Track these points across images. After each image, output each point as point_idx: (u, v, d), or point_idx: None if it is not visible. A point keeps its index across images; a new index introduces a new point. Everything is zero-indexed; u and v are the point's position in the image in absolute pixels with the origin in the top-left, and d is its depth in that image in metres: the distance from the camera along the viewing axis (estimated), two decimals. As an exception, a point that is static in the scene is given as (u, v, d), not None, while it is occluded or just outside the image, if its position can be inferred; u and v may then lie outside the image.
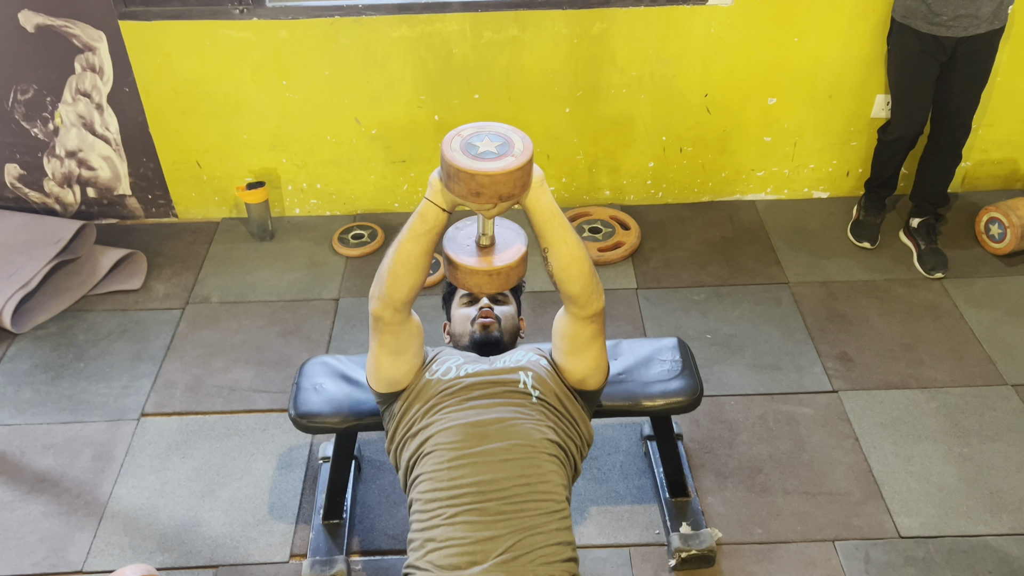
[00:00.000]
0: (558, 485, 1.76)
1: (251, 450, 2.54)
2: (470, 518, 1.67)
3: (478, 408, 1.80)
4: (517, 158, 1.57)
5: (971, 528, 2.27)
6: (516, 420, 1.79)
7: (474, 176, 1.55)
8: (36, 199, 3.45)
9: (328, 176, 3.45)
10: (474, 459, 1.73)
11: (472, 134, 1.61)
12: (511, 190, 1.59)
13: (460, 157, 1.57)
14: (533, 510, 1.69)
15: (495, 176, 1.55)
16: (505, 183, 1.57)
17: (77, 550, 2.28)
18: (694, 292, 3.10)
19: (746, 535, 2.27)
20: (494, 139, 1.60)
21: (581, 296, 1.76)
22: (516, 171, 1.56)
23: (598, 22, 3.08)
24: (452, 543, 1.66)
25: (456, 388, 1.84)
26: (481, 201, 1.60)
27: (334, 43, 3.10)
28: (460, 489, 1.71)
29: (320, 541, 2.24)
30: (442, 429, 1.79)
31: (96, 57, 3.12)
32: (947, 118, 3.01)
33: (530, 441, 1.77)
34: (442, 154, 1.59)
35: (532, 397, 1.84)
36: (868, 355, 2.80)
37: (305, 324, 3.00)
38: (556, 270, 1.73)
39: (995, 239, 3.20)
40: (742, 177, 3.50)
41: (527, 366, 1.90)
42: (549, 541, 1.68)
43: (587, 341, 1.84)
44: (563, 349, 1.88)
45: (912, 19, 2.85)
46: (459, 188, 1.59)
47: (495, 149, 1.58)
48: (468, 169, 1.55)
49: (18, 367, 2.85)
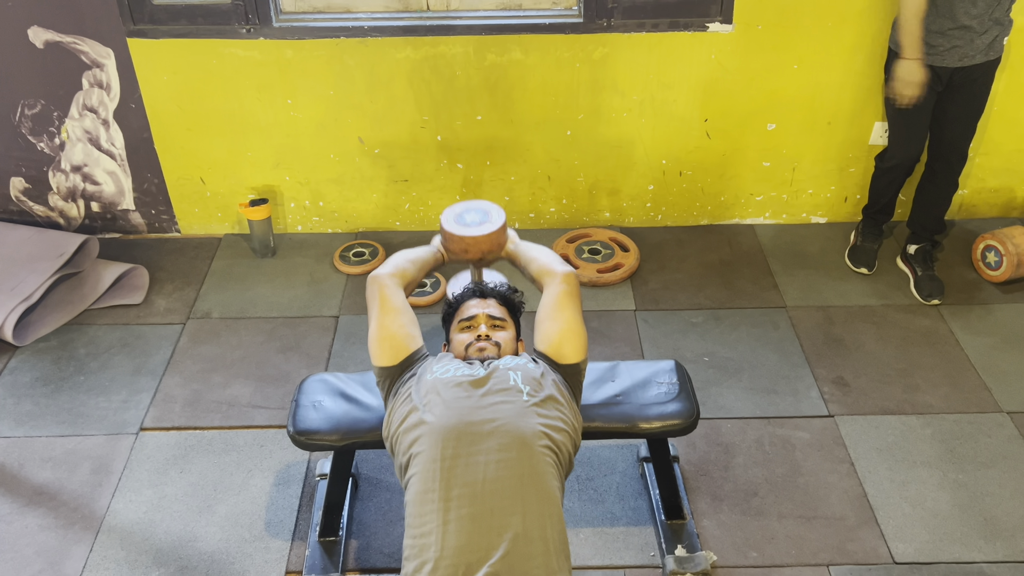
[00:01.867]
0: (552, 483, 1.78)
1: (249, 466, 2.55)
2: (463, 523, 1.69)
3: (470, 408, 1.84)
4: (493, 225, 2.24)
5: (965, 555, 2.28)
6: (508, 419, 1.82)
7: (462, 239, 2.23)
8: (40, 212, 3.47)
9: (330, 194, 3.48)
10: (467, 459, 1.76)
11: (463, 209, 2.27)
12: (490, 247, 2.27)
13: (453, 226, 2.23)
14: (527, 512, 1.71)
15: (477, 239, 2.23)
16: (484, 243, 2.25)
17: (73, 563, 2.28)
18: (692, 315, 3.12)
19: (741, 558, 2.28)
20: (477, 212, 2.25)
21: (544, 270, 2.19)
22: (491, 235, 2.23)
23: (600, 47, 3.12)
24: (445, 553, 1.67)
25: (451, 386, 1.89)
26: (468, 256, 2.27)
27: (339, 63, 3.14)
28: (453, 490, 1.73)
29: (316, 558, 2.25)
30: (434, 429, 1.82)
31: (104, 73, 3.16)
32: (944, 146, 3.04)
33: (523, 439, 1.79)
34: (440, 226, 2.25)
35: (523, 394, 1.88)
36: (864, 380, 2.82)
37: (305, 341, 3.01)
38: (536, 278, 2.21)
39: (991, 267, 3.22)
40: (741, 201, 3.53)
41: (516, 367, 1.96)
42: (542, 549, 1.69)
43: (561, 301, 2.07)
44: (540, 317, 2.09)
45: (909, 49, 2.89)
46: (453, 247, 2.27)
47: (478, 219, 2.23)
48: (457, 235, 2.22)
49: (19, 379, 2.86)
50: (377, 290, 2.08)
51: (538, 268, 2.18)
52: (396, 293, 2.09)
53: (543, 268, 2.17)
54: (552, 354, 2.03)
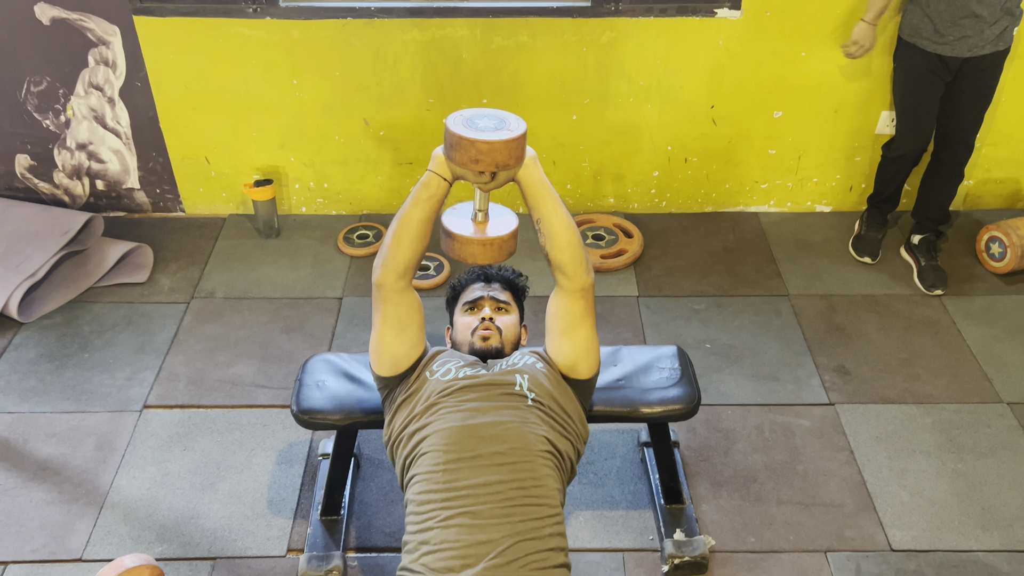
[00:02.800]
0: (553, 489, 1.78)
1: (251, 445, 2.57)
2: (464, 521, 1.69)
3: (474, 411, 1.83)
4: (512, 132, 1.77)
5: (962, 543, 2.29)
6: (512, 423, 1.81)
7: (474, 143, 1.74)
8: (45, 190, 3.48)
9: (335, 176, 3.48)
10: (469, 462, 1.76)
11: (473, 114, 1.81)
12: (506, 159, 1.77)
13: (462, 129, 1.76)
14: (527, 514, 1.71)
15: (492, 144, 1.75)
16: (501, 152, 1.76)
17: (77, 538, 2.30)
18: (695, 301, 3.12)
19: (739, 543, 2.30)
20: (492, 119, 1.81)
21: (570, 265, 1.88)
22: (511, 142, 1.76)
23: (608, 31, 3.11)
24: (445, 546, 1.68)
25: (453, 389, 1.87)
26: (479, 168, 1.77)
27: (345, 44, 3.14)
28: (455, 492, 1.73)
29: (318, 537, 2.27)
30: (438, 430, 1.81)
31: (110, 51, 3.16)
32: (950, 136, 3.04)
33: (525, 444, 1.79)
34: (446, 128, 1.78)
35: (528, 399, 1.87)
36: (865, 369, 2.82)
37: (308, 322, 3.02)
38: (547, 238, 1.87)
39: (995, 258, 3.22)
40: (746, 189, 3.52)
41: (523, 369, 1.93)
42: (541, 547, 1.70)
43: (577, 318, 1.92)
44: (554, 329, 1.96)
45: (918, 38, 2.88)
46: (460, 156, 1.77)
47: (493, 125, 1.79)
48: (469, 137, 1.74)
49: (24, 355, 2.88)
50: (381, 300, 1.92)
51: (559, 249, 1.87)
52: (400, 303, 1.91)
53: (566, 259, 1.87)
54: (565, 370, 1.98)
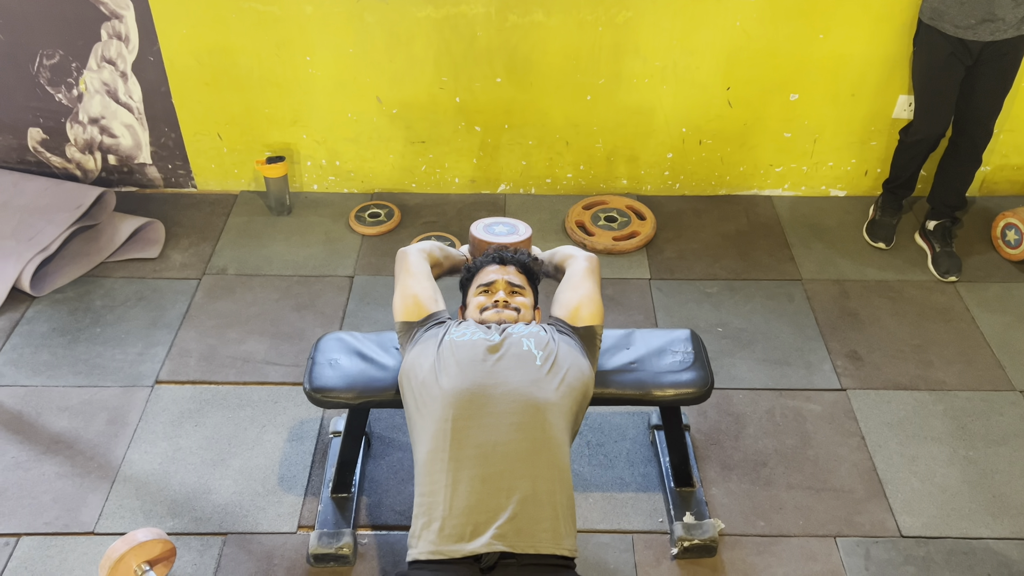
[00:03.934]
0: (562, 448, 1.80)
1: (263, 421, 2.58)
2: (473, 484, 1.71)
3: (485, 371, 1.85)
4: (520, 236, 2.32)
5: (972, 530, 2.29)
6: (521, 384, 1.83)
7: (490, 246, 2.27)
8: (58, 164, 3.47)
9: (347, 153, 3.46)
10: (479, 422, 1.78)
11: (491, 223, 2.37)
12: None
13: (483, 234, 2.32)
14: (536, 475, 1.73)
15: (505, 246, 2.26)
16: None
17: (89, 511, 2.32)
18: (707, 285, 3.11)
19: (748, 527, 2.30)
20: (506, 226, 2.36)
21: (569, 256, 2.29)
22: (518, 243, 2.29)
23: (624, 10, 3.08)
24: (453, 512, 1.69)
25: (467, 348, 1.91)
26: None
27: (359, 21, 3.11)
28: (464, 451, 1.75)
29: (328, 514, 2.28)
30: (449, 389, 1.83)
31: (122, 25, 3.14)
32: (969, 122, 3.00)
33: (535, 404, 1.81)
34: (471, 234, 2.34)
35: (536, 359, 1.89)
36: (878, 355, 2.81)
37: (320, 299, 3.02)
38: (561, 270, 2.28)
39: (1011, 245, 3.19)
40: (760, 172, 3.50)
41: (529, 334, 1.97)
42: (551, 513, 1.71)
43: (581, 276, 2.16)
44: (559, 289, 2.18)
45: (939, 21, 2.84)
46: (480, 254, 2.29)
47: (506, 231, 2.33)
48: (487, 240, 2.30)
49: (36, 329, 2.88)
50: (404, 259, 2.19)
51: (561, 257, 2.28)
52: (422, 264, 2.18)
53: (565, 255, 2.26)
54: (568, 318, 2.05)
